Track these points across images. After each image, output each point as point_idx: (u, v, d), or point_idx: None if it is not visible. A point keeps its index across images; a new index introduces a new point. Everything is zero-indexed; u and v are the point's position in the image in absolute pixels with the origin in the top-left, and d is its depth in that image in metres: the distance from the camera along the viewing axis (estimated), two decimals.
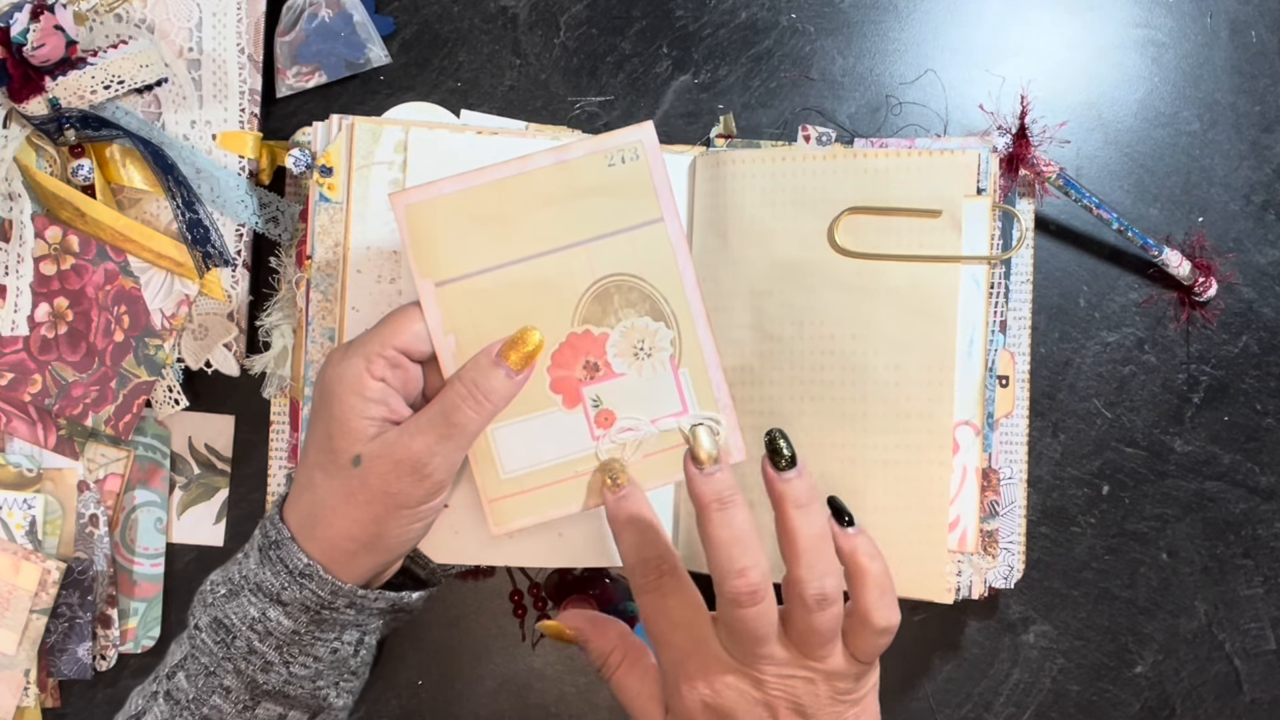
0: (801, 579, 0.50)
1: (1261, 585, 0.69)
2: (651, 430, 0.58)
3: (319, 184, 0.62)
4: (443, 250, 0.56)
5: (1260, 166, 0.69)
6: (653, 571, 0.53)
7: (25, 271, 0.64)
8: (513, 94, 0.69)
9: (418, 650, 0.70)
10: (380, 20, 0.68)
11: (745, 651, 0.52)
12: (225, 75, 0.66)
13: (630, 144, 0.56)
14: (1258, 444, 0.69)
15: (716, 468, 0.51)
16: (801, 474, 0.51)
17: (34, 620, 0.65)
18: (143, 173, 0.64)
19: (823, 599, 0.50)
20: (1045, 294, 0.69)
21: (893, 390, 0.62)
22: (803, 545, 0.50)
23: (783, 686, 0.52)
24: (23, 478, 0.66)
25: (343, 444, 0.55)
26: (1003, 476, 0.65)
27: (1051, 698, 0.69)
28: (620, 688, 0.56)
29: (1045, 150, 0.65)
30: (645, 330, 0.57)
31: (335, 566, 0.56)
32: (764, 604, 0.50)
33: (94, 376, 0.64)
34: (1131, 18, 0.70)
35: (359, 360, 0.55)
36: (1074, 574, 0.69)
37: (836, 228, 0.63)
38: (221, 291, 0.65)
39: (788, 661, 0.52)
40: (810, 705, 0.52)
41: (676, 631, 0.53)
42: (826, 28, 0.70)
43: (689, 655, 0.53)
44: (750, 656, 0.52)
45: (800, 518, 0.50)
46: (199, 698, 0.56)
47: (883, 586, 0.52)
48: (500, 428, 0.57)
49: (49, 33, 0.58)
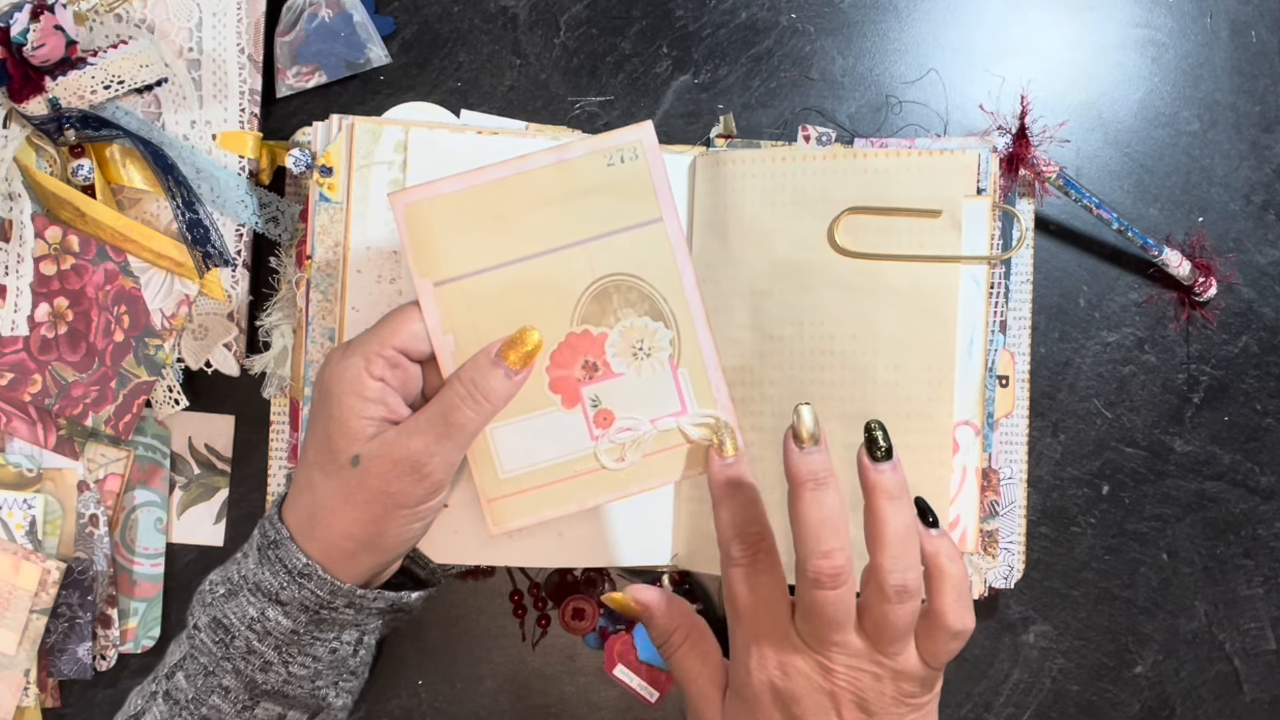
0: (884, 568, 0.50)
1: (1261, 585, 0.69)
2: (650, 430, 0.58)
3: (319, 184, 0.62)
4: (442, 250, 0.56)
5: (1260, 166, 0.69)
6: (751, 546, 0.53)
7: (25, 271, 0.64)
8: (513, 94, 0.69)
9: (418, 650, 0.70)
10: (380, 20, 0.68)
11: (819, 637, 0.51)
12: (225, 75, 0.66)
13: (630, 143, 0.56)
14: (1258, 444, 0.69)
15: (816, 447, 0.51)
16: (896, 467, 0.51)
17: (34, 620, 0.65)
18: (143, 173, 0.64)
19: (903, 590, 0.50)
20: (1045, 294, 0.69)
21: (893, 390, 0.62)
22: (890, 536, 0.50)
23: (850, 678, 0.51)
24: (23, 478, 0.66)
25: (341, 444, 0.55)
26: (1003, 476, 0.65)
27: (1051, 698, 0.69)
28: (680, 666, 0.56)
29: (1045, 150, 0.65)
30: (644, 330, 0.57)
31: (334, 566, 0.56)
32: (844, 589, 0.50)
33: (94, 376, 0.64)
34: (1131, 18, 0.70)
35: (358, 360, 0.55)
36: (1074, 574, 0.69)
37: (836, 228, 0.63)
38: (221, 291, 0.65)
39: (859, 653, 0.51)
40: (875, 702, 0.52)
41: (760, 609, 0.53)
42: (826, 28, 0.70)
43: (765, 634, 0.53)
44: (823, 642, 0.51)
45: (891, 509, 0.50)
46: (198, 698, 0.56)
47: (961, 590, 0.52)
48: (499, 427, 0.57)
49: (49, 33, 0.58)
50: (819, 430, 0.51)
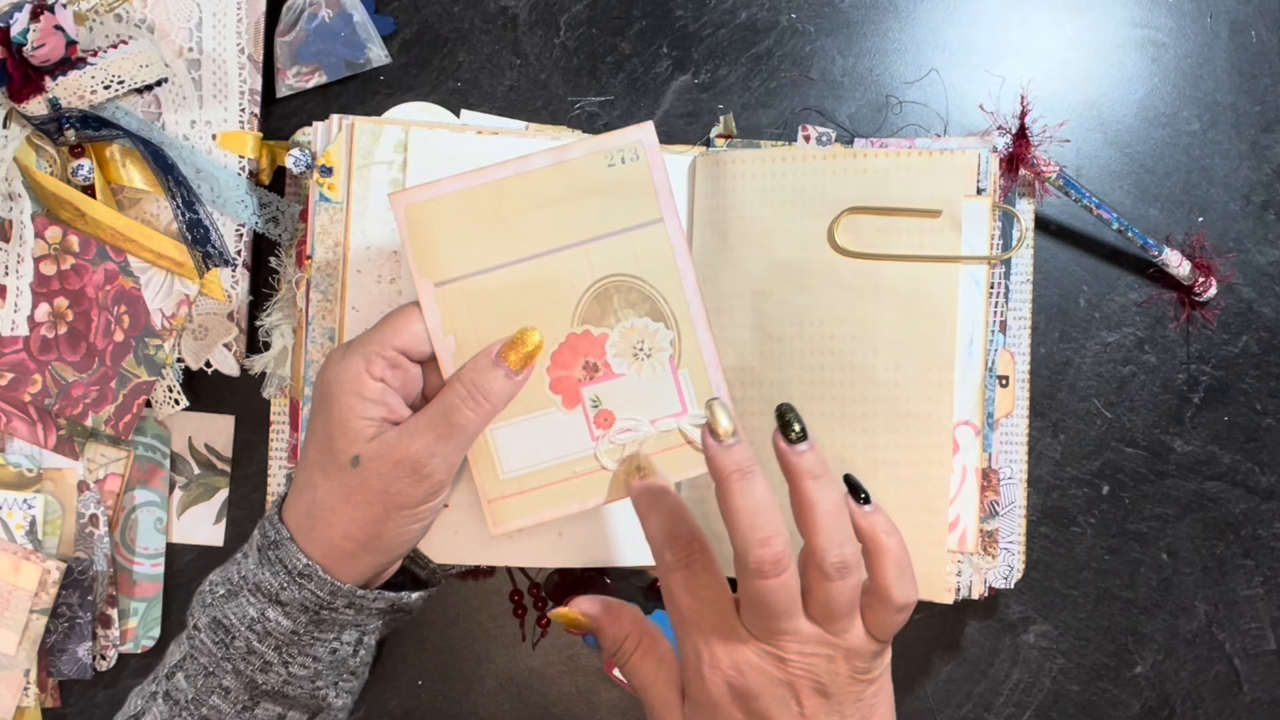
0: (820, 548, 0.50)
1: (1261, 585, 0.69)
2: (650, 431, 0.58)
3: (319, 184, 0.62)
4: (443, 250, 0.56)
5: (1260, 166, 0.69)
6: (684, 549, 0.53)
7: (25, 271, 0.64)
8: (513, 94, 0.69)
9: (418, 650, 0.70)
10: (380, 20, 0.68)
11: (769, 628, 0.51)
12: (225, 75, 0.66)
13: (630, 144, 0.56)
14: (1258, 444, 0.69)
15: (735, 440, 0.51)
16: (813, 447, 0.51)
17: (34, 620, 0.65)
18: (143, 173, 0.64)
19: (843, 566, 0.50)
20: (1045, 294, 0.69)
21: (893, 390, 0.62)
22: (820, 515, 0.50)
23: (805, 665, 0.51)
24: (23, 478, 0.66)
25: (342, 444, 0.55)
26: (1003, 476, 0.65)
27: (1051, 698, 0.69)
28: (635, 674, 0.55)
29: (1045, 150, 0.65)
30: (645, 331, 0.57)
31: (334, 567, 0.56)
32: (787, 574, 0.50)
33: (94, 376, 0.64)
34: (1131, 18, 0.70)
35: (358, 360, 0.55)
36: (1074, 574, 0.69)
37: (836, 228, 0.63)
38: (221, 291, 0.65)
39: (810, 637, 0.51)
40: (831, 684, 0.51)
41: (704, 610, 0.52)
42: (826, 28, 0.70)
43: (714, 634, 0.52)
44: (772, 633, 0.51)
45: (817, 488, 0.50)
46: (198, 698, 0.56)
47: (901, 563, 0.51)
48: (500, 428, 0.57)
49: (49, 33, 0.58)
50: (736, 424, 0.51)
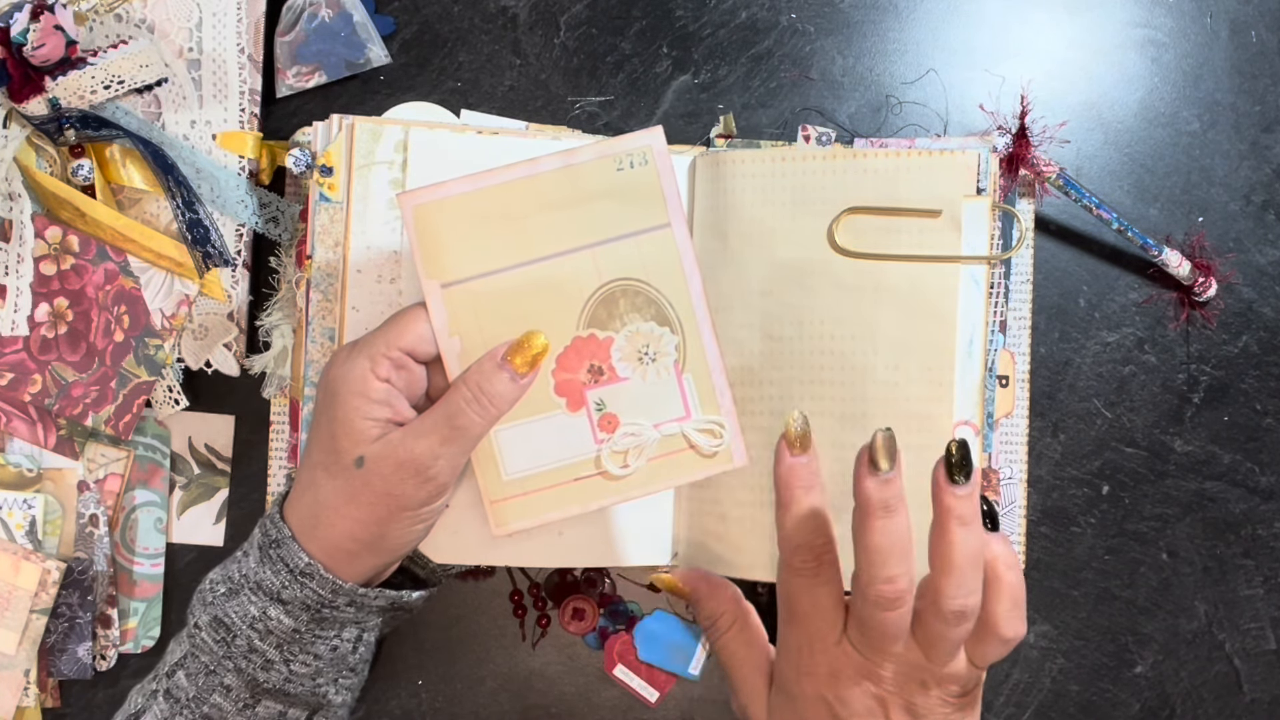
0: (945, 593, 0.49)
1: (1261, 585, 0.69)
2: (654, 435, 0.58)
3: (319, 184, 0.62)
4: (449, 252, 0.56)
5: (1260, 166, 0.69)
6: (815, 558, 0.53)
7: (25, 271, 0.64)
8: (513, 94, 0.69)
9: (418, 650, 0.70)
10: (380, 20, 0.68)
11: (873, 648, 0.51)
12: (225, 75, 0.65)
13: (639, 149, 0.56)
14: (1258, 444, 0.69)
15: (892, 473, 0.50)
16: (973, 492, 0.49)
17: (34, 620, 0.65)
18: (143, 173, 0.64)
19: (961, 614, 0.50)
20: (1045, 294, 0.69)
21: (892, 390, 0.62)
22: (956, 561, 0.49)
23: (899, 686, 0.52)
24: (23, 478, 0.66)
25: (346, 445, 0.55)
26: (1003, 476, 0.66)
27: (1051, 698, 0.69)
28: (726, 650, 0.57)
29: (1045, 150, 0.65)
30: (650, 335, 0.57)
31: (336, 566, 0.56)
32: (904, 609, 0.50)
33: (94, 376, 0.64)
34: (1131, 18, 0.70)
35: (364, 361, 0.55)
36: (1074, 574, 0.69)
37: (836, 228, 0.63)
38: (221, 291, 0.65)
39: (910, 664, 0.51)
40: (921, 706, 0.52)
41: (816, 616, 0.53)
42: (826, 28, 0.70)
43: (819, 639, 0.53)
44: (876, 653, 0.52)
45: (961, 534, 0.49)
46: (199, 696, 0.56)
47: (1016, 598, 0.51)
48: (503, 430, 0.57)
49: (49, 33, 0.58)
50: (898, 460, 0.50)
